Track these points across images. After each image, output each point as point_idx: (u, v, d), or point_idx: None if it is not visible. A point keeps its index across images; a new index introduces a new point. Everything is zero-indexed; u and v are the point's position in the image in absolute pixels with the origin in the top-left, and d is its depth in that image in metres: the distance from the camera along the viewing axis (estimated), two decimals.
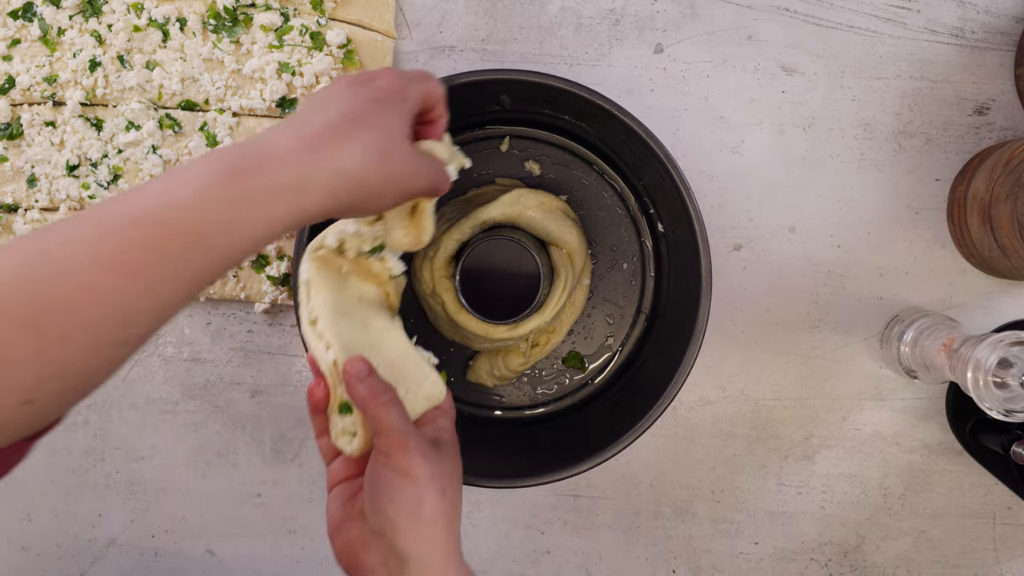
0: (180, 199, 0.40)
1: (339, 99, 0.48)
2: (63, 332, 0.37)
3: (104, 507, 0.79)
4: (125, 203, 0.40)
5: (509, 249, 0.69)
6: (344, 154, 0.45)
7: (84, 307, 0.38)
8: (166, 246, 0.39)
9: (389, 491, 0.50)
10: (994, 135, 0.76)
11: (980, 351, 0.62)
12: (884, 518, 0.77)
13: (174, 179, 0.41)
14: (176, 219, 0.40)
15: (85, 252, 0.38)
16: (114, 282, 0.38)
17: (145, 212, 0.39)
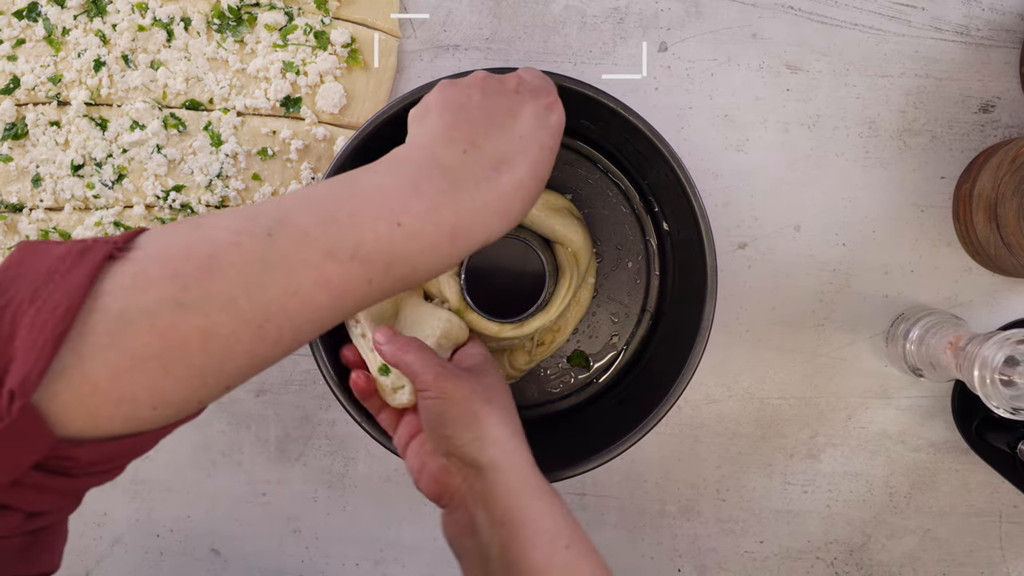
0: (402, 250, 0.44)
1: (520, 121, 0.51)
2: (278, 336, 0.42)
3: (109, 506, 0.79)
4: (351, 234, 0.43)
5: (514, 248, 0.69)
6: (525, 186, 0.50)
7: (299, 318, 0.42)
8: (378, 281, 0.44)
9: (440, 416, 0.57)
10: (999, 132, 0.76)
11: (987, 349, 0.62)
12: (890, 517, 0.77)
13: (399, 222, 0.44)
14: (394, 264, 0.44)
15: (310, 274, 0.42)
16: (327, 301, 0.42)
17: (368, 251, 0.43)
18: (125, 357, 0.38)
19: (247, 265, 0.40)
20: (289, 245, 0.41)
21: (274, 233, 0.42)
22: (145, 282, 0.39)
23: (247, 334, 0.40)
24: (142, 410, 0.39)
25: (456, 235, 0.46)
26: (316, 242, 0.42)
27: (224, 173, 0.75)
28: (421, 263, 0.45)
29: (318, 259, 0.42)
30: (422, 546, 0.78)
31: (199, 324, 0.39)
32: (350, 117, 0.76)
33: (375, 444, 0.67)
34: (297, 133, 0.75)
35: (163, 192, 0.75)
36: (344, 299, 0.43)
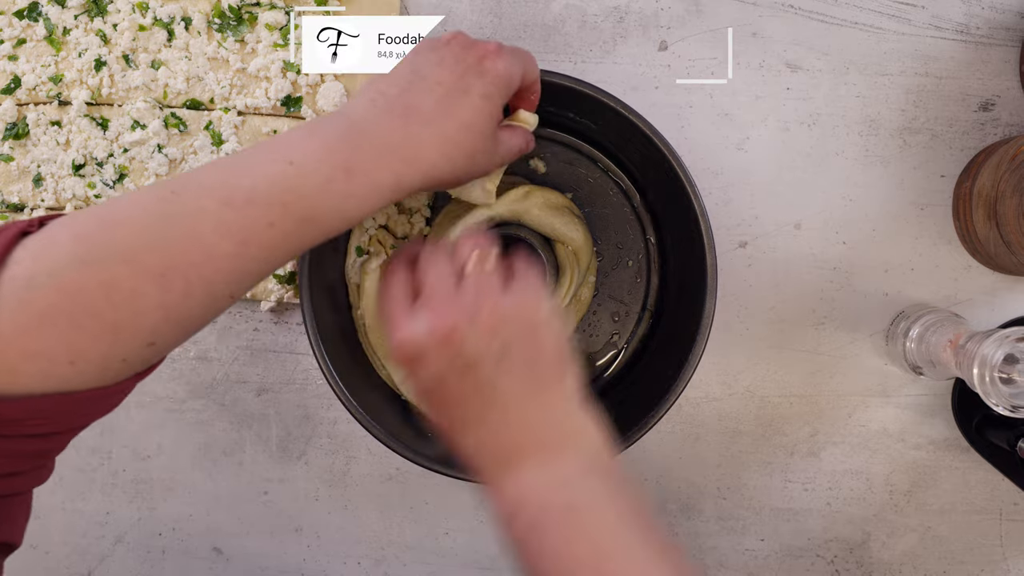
0: (297, 186, 0.45)
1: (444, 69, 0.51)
2: (186, 287, 0.43)
3: (111, 505, 0.79)
4: (245, 178, 0.44)
5: (515, 247, 0.69)
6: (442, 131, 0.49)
7: (205, 267, 0.43)
8: (280, 223, 0.44)
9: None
10: (999, 131, 0.76)
11: (986, 347, 0.62)
12: (890, 514, 0.77)
13: (291, 164, 0.45)
14: (292, 202, 0.45)
15: (210, 221, 0.43)
16: (232, 248, 0.43)
17: (262, 192, 0.44)
18: (34, 315, 0.40)
19: (148, 220, 0.43)
20: (189, 198, 0.44)
21: (176, 191, 0.44)
22: (52, 246, 0.41)
23: (151, 285, 0.42)
24: (59, 366, 0.41)
25: (352, 170, 0.46)
26: (213, 191, 0.44)
27: None
28: (320, 201, 0.45)
29: (215, 207, 0.44)
30: (424, 545, 0.79)
31: (102, 278, 0.41)
32: None
33: (376, 443, 0.67)
34: None
35: None
36: (248, 245, 0.44)
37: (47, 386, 0.41)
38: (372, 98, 0.50)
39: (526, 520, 0.46)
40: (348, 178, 0.46)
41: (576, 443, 0.49)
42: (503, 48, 0.54)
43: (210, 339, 0.78)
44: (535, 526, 0.46)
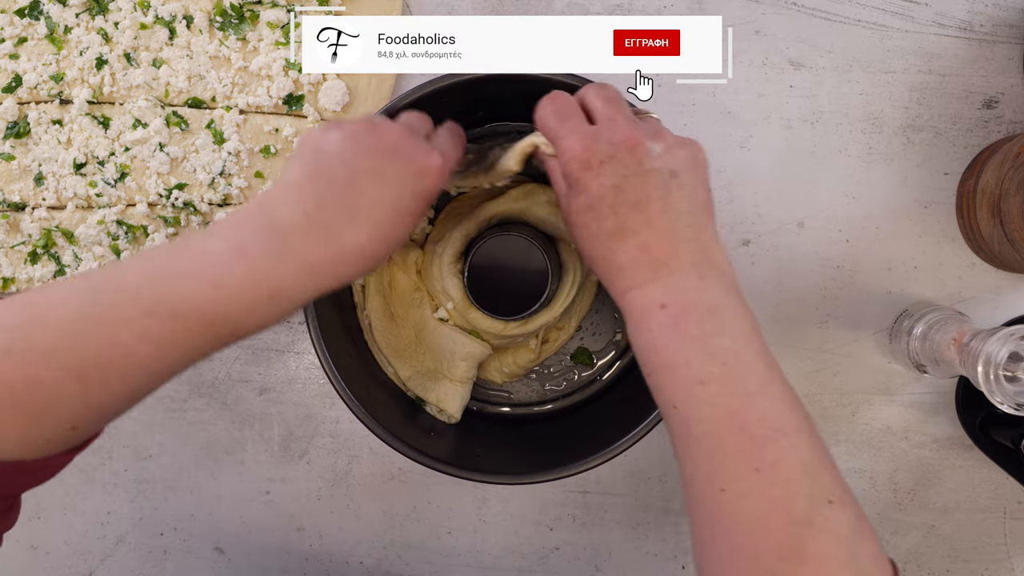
0: (223, 311, 0.46)
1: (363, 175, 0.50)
2: (104, 382, 0.45)
3: (113, 505, 0.79)
4: (171, 291, 0.45)
5: (517, 245, 0.69)
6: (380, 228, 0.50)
7: (123, 368, 0.45)
8: (201, 335, 0.46)
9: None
10: (1003, 129, 0.76)
11: (991, 345, 0.62)
12: (894, 513, 0.77)
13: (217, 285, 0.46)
14: (215, 321, 0.46)
15: (130, 328, 0.44)
16: (152, 351, 0.45)
17: (187, 309, 0.45)
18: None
19: (70, 319, 0.44)
20: (111, 302, 0.45)
21: (100, 290, 0.45)
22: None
23: (72, 381, 0.44)
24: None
25: (277, 296, 0.47)
26: (137, 299, 0.45)
27: (227, 171, 0.75)
28: (243, 321, 0.47)
29: (137, 315, 0.45)
30: (426, 544, 0.78)
31: (24, 374, 0.43)
32: (353, 115, 0.76)
33: (378, 442, 0.66)
34: (300, 131, 0.75)
35: (166, 190, 0.75)
36: (166, 348, 0.46)
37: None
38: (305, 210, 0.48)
39: (669, 317, 0.49)
40: (273, 303, 0.47)
41: (720, 266, 0.52)
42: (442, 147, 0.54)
43: None
44: (678, 321, 0.49)
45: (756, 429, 0.46)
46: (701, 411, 0.47)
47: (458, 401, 0.72)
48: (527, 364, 0.74)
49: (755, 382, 0.48)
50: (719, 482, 0.46)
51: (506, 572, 0.78)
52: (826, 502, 0.45)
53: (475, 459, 0.69)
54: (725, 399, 0.47)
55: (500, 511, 0.78)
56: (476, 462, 0.68)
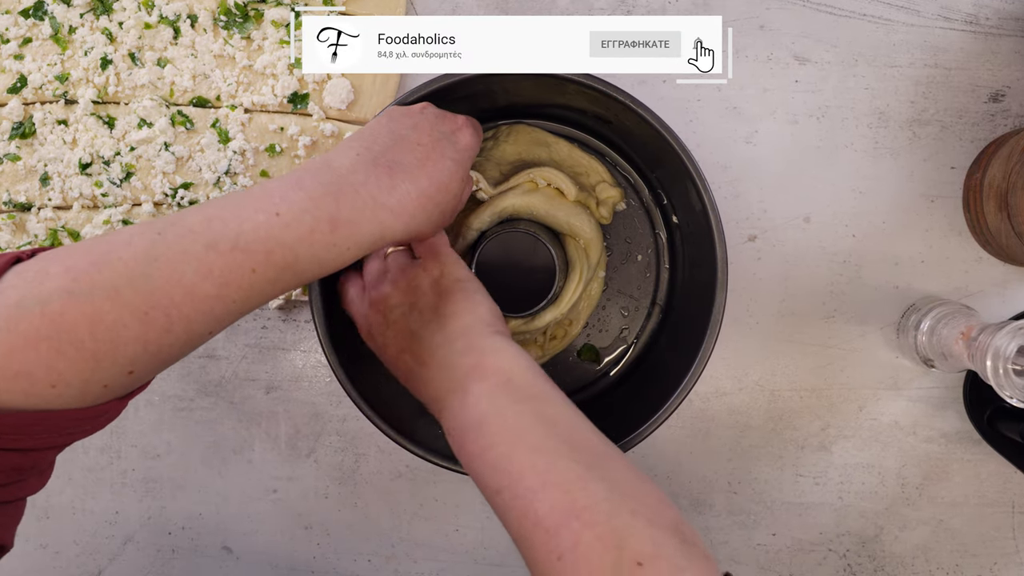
0: (282, 236, 0.47)
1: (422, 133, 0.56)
2: (166, 323, 0.45)
3: (121, 504, 0.79)
4: (231, 226, 0.47)
5: (524, 242, 0.69)
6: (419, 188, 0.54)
7: (185, 307, 0.45)
8: (261, 269, 0.47)
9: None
10: (1010, 122, 0.76)
11: (999, 339, 0.62)
12: (902, 508, 0.77)
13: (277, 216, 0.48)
14: (275, 251, 0.47)
15: (192, 264, 0.45)
16: (213, 290, 0.46)
17: (247, 240, 0.46)
18: (19, 337, 0.42)
19: (134, 259, 0.45)
20: (174, 240, 0.46)
21: (163, 232, 0.46)
22: (43, 276, 0.44)
23: (133, 320, 0.44)
24: (40, 386, 0.43)
25: (337, 222, 0.49)
26: (199, 236, 0.46)
27: (232, 170, 0.75)
28: (303, 251, 0.48)
29: (200, 250, 0.46)
30: (433, 542, 0.78)
31: (86, 311, 0.43)
32: (357, 113, 0.76)
33: (386, 440, 0.67)
34: (305, 129, 0.75)
35: (171, 190, 0.75)
36: (230, 287, 0.46)
37: (28, 404, 0.43)
38: (357, 152, 0.53)
39: (454, 443, 0.53)
40: (332, 229, 0.49)
41: (482, 368, 0.53)
42: (469, 122, 0.61)
43: (218, 337, 0.78)
44: (460, 447, 0.52)
45: (548, 521, 0.46)
46: (506, 518, 0.48)
47: None
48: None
49: (535, 476, 0.47)
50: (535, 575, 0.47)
51: (513, 569, 0.78)
52: (635, 565, 0.44)
53: None
54: (516, 502, 0.48)
55: None
56: None
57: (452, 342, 0.55)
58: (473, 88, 0.66)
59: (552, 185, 0.71)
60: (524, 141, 0.73)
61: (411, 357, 0.57)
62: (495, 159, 0.73)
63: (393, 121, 0.57)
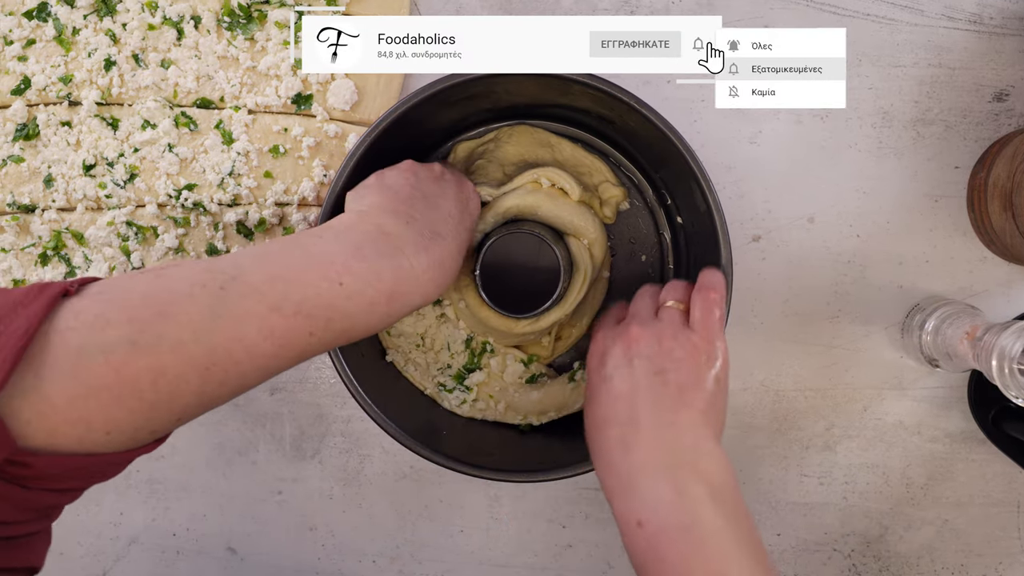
0: (344, 307, 0.49)
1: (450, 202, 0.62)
2: (223, 378, 0.46)
3: (125, 506, 0.79)
4: (296, 291, 0.48)
5: (528, 243, 0.69)
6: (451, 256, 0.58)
7: (243, 364, 0.47)
8: (320, 334, 0.49)
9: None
10: (1014, 122, 0.76)
11: (1004, 339, 0.62)
12: (907, 508, 0.77)
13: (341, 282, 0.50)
14: (334, 319, 0.49)
15: (255, 324, 0.47)
16: (271, 350, 0.47)
17: (311, 306, 0.48)
18: (81, 385, 0.42)
19: (198, 314, 0.45)
20: (238, 299, 0.47)
21: (226, 287, 0.47)
22: (105, 323, 0.43)
23: (194, 375, 0.45)
24: (96, 433, 0.43)
25: (393, 296, 0.51)
26: (264, 297, 0.47)
27: (236, 171, 0.75)
28: (360, 320, 0.50)
29: (264, 312, 0.47)
30: (438, 543, 0.78)
31: (150, 364, 0.44)
32: (361, 114, 0.76)
33: (390, 441, 0.66)
34: (308, 130, 0.75)
35: (175, 191, 0.75)
36: (287, 348, 0.48)
37: (80, 448, 0.43)
38: (407, 221, 0.56)
39: (645, 539, 0.49)
40: (388, 302, 0.51)
41: (699, 469, 0.51)
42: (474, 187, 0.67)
43: None
44: (654, 545, 0.49)
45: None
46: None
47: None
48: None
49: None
50: None
51: (519, 570, 0.78)
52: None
53: (487, 457, 0.69)
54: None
55: (512, 509, 0.78)
56: (488, 460, 0.68)
57: (682, 431, 0.52)
58: (476, 89, 0.66)
59: (556, 185, 0.71)
60: (527, 142, 0.73)
61: (628, 413, 0.54)
62: (498, 160, 0.73)
63: (422, 184, 0.61)
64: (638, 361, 0.55)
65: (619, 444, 0.52)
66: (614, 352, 0.57)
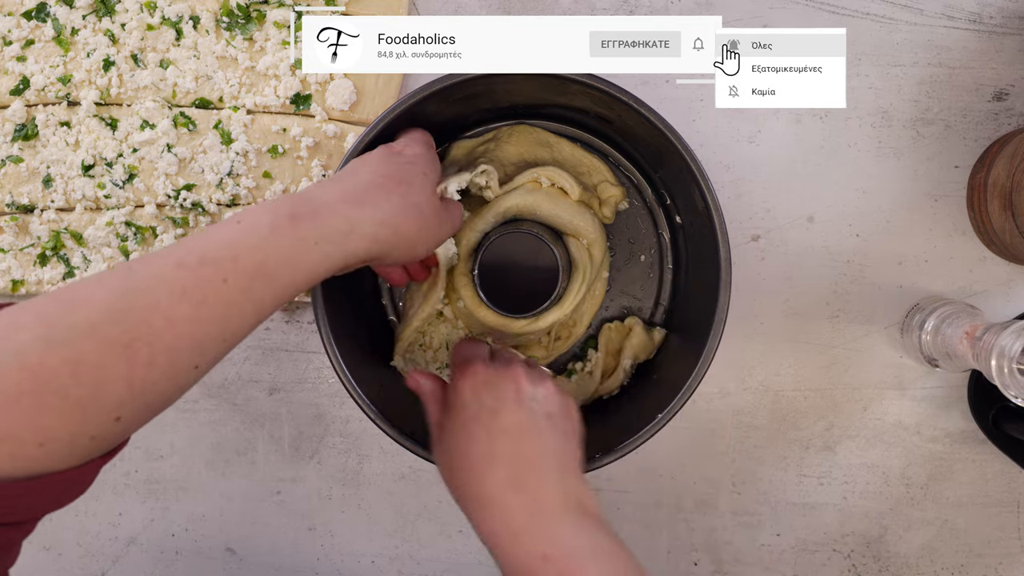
0: (245, 240, 0.47)
1: (378, 163, 0.58)
2: (149, 356, 0.43)
3: (124, 506, 0.79)
4: (198, 243, 0.46)
5: (527, 242, 0.69)
6: (384, 207, 0.54)
7: (166, 333, 0.44)
8: (234, 278, 0.46)
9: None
10: (1013, 121, 0.76)
11: (1004, 339, 0.61)
12: (907, 508, 0.77)
13: (239, 224, 0.48)
14: (243, 255, 0.46)
15: (166, 286, 0.44)
16: (190, 310, 0.44)
17: (214, 251, 0.46)
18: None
19: (108, 294, 0.44)
20: (146, 270, 0.45)
21: (133, 266, 0.45)
22: (16, 328, 0.42)
23: (115, 357, 0.42)
24: (28, 447, 0.41)
25: (297, 216, 0.49)
26: (168, 258, 0.46)
27: (235, 171, 0.75)
28: (269, 250, 0.47)
29: (171, 271, 0.45)
30: (437, 543, 0.78)
31: (66, 356, 0.41)
32: (360, 114, 0.76)
33: (389, 441, 0.66)
34: (307, 130, 0.75)
35: (174, 191, 0.75)
36: (206, 304, 0.45)
37: (16, 469, 0.41)
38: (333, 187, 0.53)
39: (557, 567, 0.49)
40: (292, 223, 0.48)
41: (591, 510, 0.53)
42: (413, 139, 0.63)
43: None
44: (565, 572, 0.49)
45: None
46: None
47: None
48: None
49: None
50: None
51: None
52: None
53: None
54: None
55: None
56: None
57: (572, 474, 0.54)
58: (475, 88, 0.66)
59: (555, 185, 0.71)
60: (526, 142, 0.73)
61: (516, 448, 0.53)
62: (498, 160, 0.73)
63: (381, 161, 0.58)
64: (529, 402, 0.55)
65: (512, 484, 0.52)
66: (502, 385, 0.56)
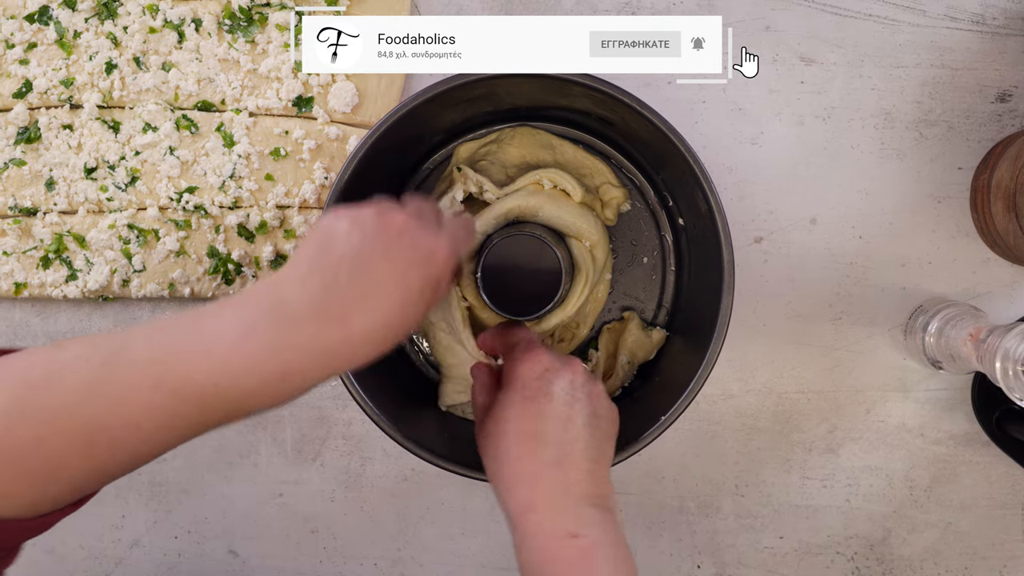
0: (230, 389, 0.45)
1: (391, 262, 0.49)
2: (111, 452, 0.45)
3: (127, 509, 0.79)
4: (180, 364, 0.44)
5: (529, 244, 0.69)
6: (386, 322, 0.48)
7: (129, 440, 0.45)
8: (208, 413, 0.45)
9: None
10: (1017, 122, 0.76)
11: (1008, 341, 0.61)
12: (910, 510, 0.77)
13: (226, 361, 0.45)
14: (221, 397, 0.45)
15: (138, 402, 0.44)
16: (152, 428, 0.45)
17: (197, 388, 0.44)
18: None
19: (77, 386, 0.44)
20: (120, 373, 0.45)
21: (108, 362, 0.45)
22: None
23: (77, 447, 0.44)
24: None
25: (287, 375, 0.46)
26: (145, 372, 0.45)
27: (237, 174, 0.75)
28: (252, 400, 0.46)
29: (145, 390, 0.44)
30: (440, 546, 0.78)
31: (30, 433, 0.43)
32: (362, 116, 0.76)
33: (392, 443, 0.66)
34: (309, 133, 0.75)
35: (176, 194, 0.75)
36: (174, 428, 0.45)
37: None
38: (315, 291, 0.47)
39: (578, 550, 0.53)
40: (281, 382, 0.46)
41: (613, 507, 0.56)
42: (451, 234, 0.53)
43: None
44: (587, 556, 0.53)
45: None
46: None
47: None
48: None
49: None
50: None
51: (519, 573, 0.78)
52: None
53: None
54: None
55: None
56: None
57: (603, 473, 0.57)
58: (477, 91, 0.66)
59: (557, 186, 0.71)
60: (528, 143, 0.73)
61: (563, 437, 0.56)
62: (500, 162, 0.73)
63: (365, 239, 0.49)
64: (581, 395, 0.58)
65: (554, 464, 0.55)
66: (562, 374, 0.59)
